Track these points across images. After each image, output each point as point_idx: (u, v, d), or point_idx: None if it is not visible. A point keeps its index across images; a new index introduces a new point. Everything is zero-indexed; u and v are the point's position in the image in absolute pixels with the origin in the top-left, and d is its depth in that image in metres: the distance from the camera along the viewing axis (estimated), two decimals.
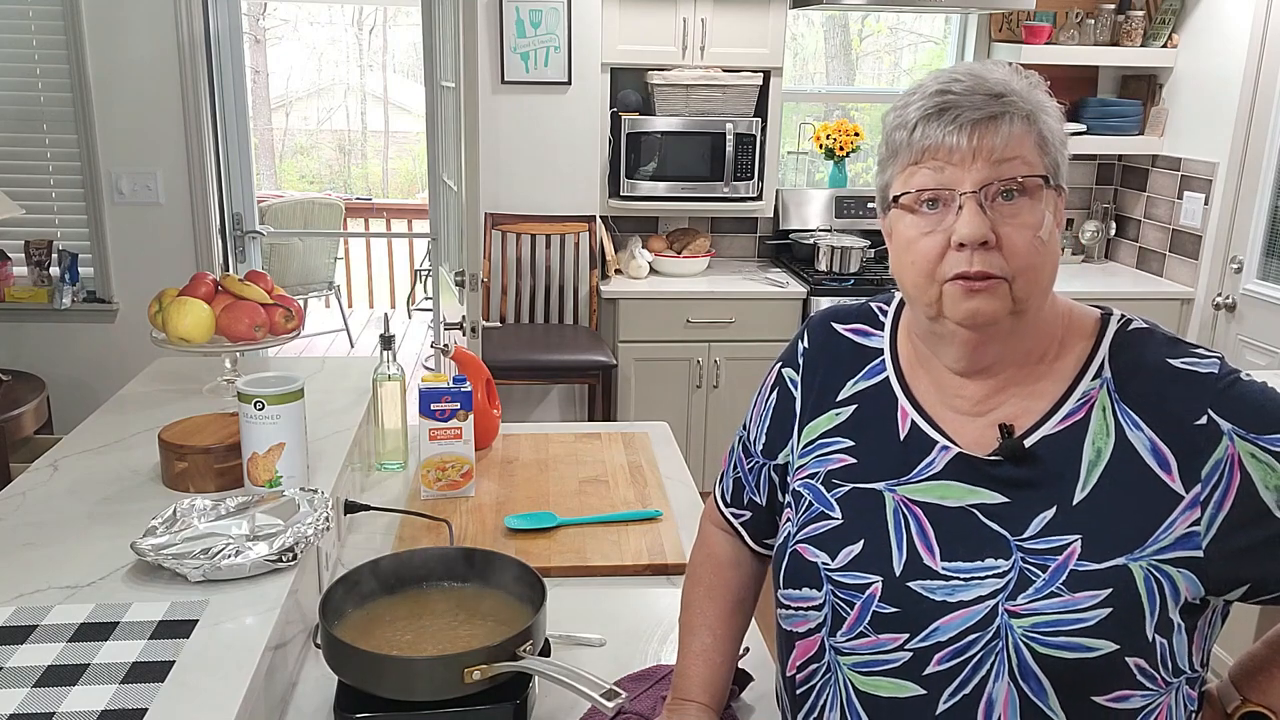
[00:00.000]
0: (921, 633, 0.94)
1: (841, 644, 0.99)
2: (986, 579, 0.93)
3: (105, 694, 0.99)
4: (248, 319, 1.82)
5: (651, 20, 3.79)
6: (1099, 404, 0.95)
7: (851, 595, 0.98)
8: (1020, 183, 0.90)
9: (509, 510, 1.72)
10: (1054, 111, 0.95)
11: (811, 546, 1.02)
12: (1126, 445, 0.93)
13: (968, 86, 0.92)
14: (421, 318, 6.64)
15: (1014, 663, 0.90)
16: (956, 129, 0.90)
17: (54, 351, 3.74)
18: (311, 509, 1.33)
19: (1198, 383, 0.92)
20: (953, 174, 0.91)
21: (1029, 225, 0.91)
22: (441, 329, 3.42)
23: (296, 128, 12.38)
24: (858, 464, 1.03)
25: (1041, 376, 0.97)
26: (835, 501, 1.03)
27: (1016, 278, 0.91)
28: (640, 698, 1.20)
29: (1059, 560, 0.91)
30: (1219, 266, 3.75)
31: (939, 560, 0.95)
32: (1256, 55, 3.54)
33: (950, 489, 0.97)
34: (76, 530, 1.33)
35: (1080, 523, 0.92)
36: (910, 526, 0.98)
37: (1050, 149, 0.93)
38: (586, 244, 3.99)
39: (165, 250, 3.71)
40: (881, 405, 1.04)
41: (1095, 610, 0.89)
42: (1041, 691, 0.90)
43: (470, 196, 2.83)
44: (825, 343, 1.11)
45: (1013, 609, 0.91)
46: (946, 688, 0.93)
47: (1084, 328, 0.99)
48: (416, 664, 1.12)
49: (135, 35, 3.53)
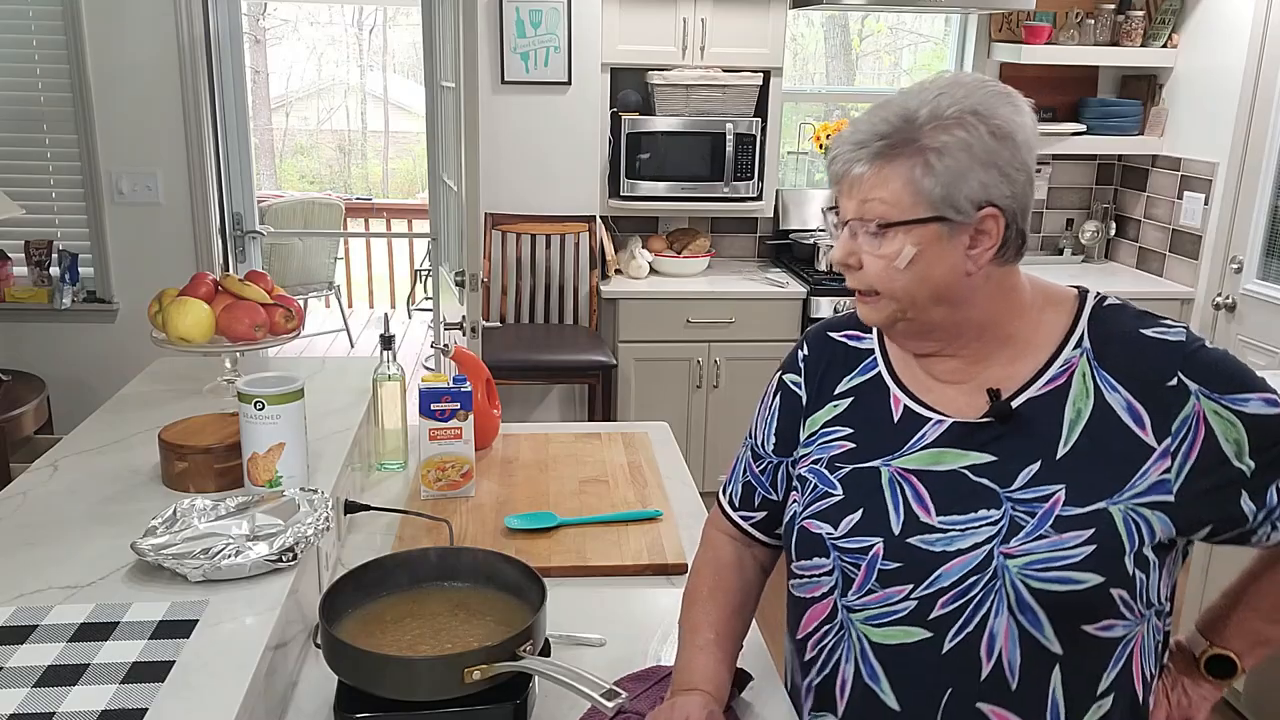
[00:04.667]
0: (924, 581, 1.06)
1: (853, 602, 1.11)
2: (980, 527, 1.05)
3: (105, 694, 0.99)
4: (248, 319, 1.82)
5: (651, 20, 3.79)
6: (1079, 370, 1.07)
7: (856, 558, 1.10)
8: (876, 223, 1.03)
9: (509, 510, 1.72)
10: (971, 140, 1.00)
11: (816, 520, 1.14)
12: (1104, 405, 1.05)
13: (868, 124, 1.04)
14: (421, 318, 6.64)
15: (1012, 599, 1.02)
16: (839, 165, 1.06)
17: (54, 351, 3.74)
18: (311, 509, 1.33)
19: (1168, 349, 1.05)
20: (843, 204, 1.07)
21: (885, 256, 1.04)
22: (441, 329, 3.42)
23: (296, 128, 12.38)
24: (857, 448, 1.15)
25: (1019, 347, 1.10)
26: (837, 481, 1.14)
27: (881, 296, 1.07)
28: (640, 698, 1.20)
29: (1045, 507, 1.03)
30: (1219, 266, 3.75)
31: (935, 516, 1.07)
32: (1256, 55, 3.54)
33: (942, 455, 1.10)
34: (76, 530, 1.33)
35: (1063, 474, 1.04)
36: (905, 491, 1.10)
37: (935, 184, 1.00)
38: (586, 244, 3.99)
39: (165, 250, 3.71)
40: (876, 396, 1.17)
41: (1081, 548, 1.01)
42: (1038, 623, 1.02)
43: (470, 196, 2.83)
44: (823, 348, 1.24)
45: (1007, 551, 1.03)
46: (951, 628, 1.05)
47: (1062, 303, 1.12)
48: (416, 664, 1.12)
49: (135, 35, 3.53)
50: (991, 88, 1.04)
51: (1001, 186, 1.02)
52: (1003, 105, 1.03)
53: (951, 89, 1.03)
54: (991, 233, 1.03)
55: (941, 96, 1.02)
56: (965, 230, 1.03)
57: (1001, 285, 1.08)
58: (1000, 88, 1.05)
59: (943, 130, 1.01)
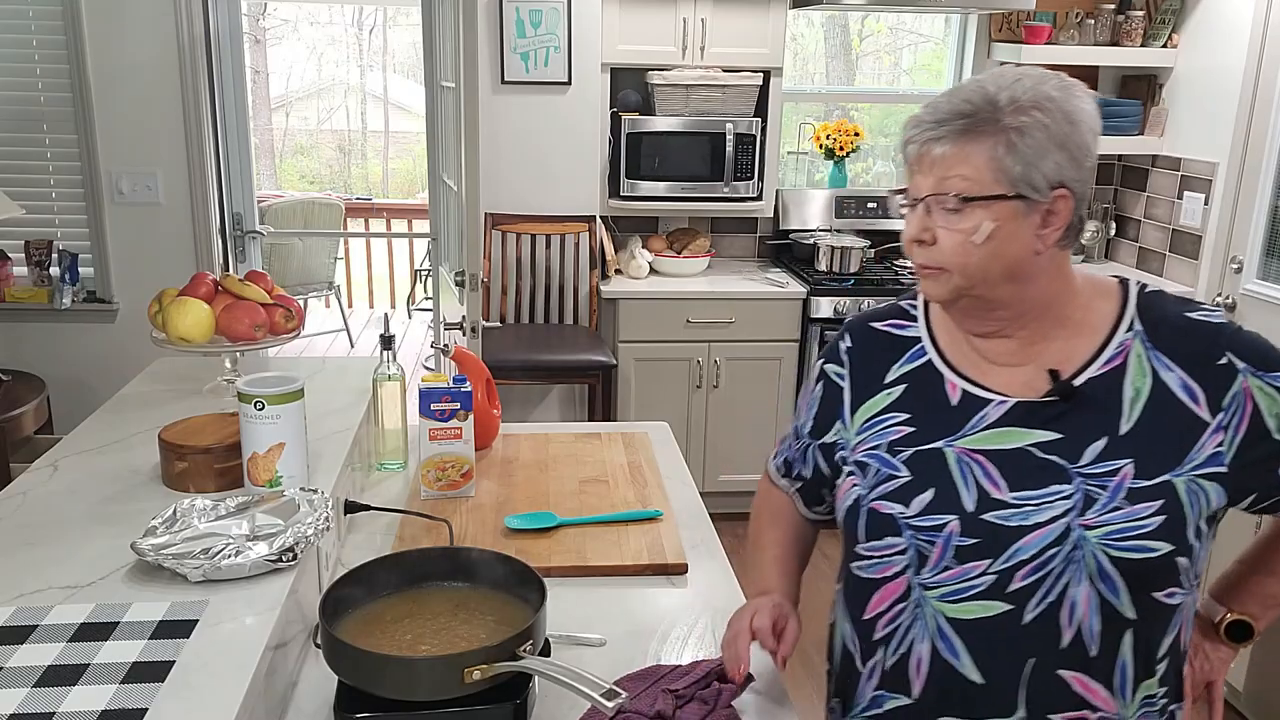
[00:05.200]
0: (1002, 555, 1.10)
1: (928, 579, 1.14)
2: (1055, 502, 1.09)
3: (105, 694, 0.99)
4: (248, 319, 1.82)
5: (651, 20, 3.79)
6: (1134, 351, 1.13)
7: (931, 535, 1.13)
8: (958, 196, 1.07)
9: (509, 510, 1.72)
10: (1049, 123, 1.06)
11: (886, 501, 1.17)
12: (1161, 383, 1.11)
13: (948, 104, 1.08)
14: (421, 318, 6.64)
15: (1093, 568, 1.07)
16: (917, 144, 1.10)
17: (54, 351, 3.74)
18: (311, 509, 1.33)
19: (1214, 331, 1.12)
20: (916, 181, 1.12)
21: (962, 231, 1.08)
22: (441, 329, 3.42)
23: (296, 128, 12.37)
24: (916, 431, 1.18)
25: (1073, 329, 1.15)
26: (901, 463, 1.17)
27: (952, 271, 1.10)
28: (640, 698, 1.19)
29: (1116, 480, 1.08)
30: (1219, 266, 3.74)
31: (1007, 492, 1.11)
32: (1256, 55, 3.54)
33: (1007, 434, 1.14)
34: (76, 530, 1.33)
35: (1130, 448, 1.09)
36: (974, 470, 1.14)
37: (1017, 162, 1.06)
38: (586, 244, 3.99)
39: (165, 250, 3.71)
40: (929, 382, 1.21)
41: (1153, 518, 1.06)
42: (1115, 590, 1.08)
43: (470, 196, 2.83)
44: (866, 339, 1.28)
45: (1085, 523, 1.08)
46: (1031, 599, 1.09)
47: (1108, 291, 1.18)
48: (416, 664, 1.12)
49: (135, 35, 3.53)
50: (1060, 78, 1.10)
51: (1072, 169, 1.08)
52: (1072, 93, 1.09)
53: (1025, 78, 1.08)
54: (1061, 213, 1.09)
55: (1018, 84, 1.07)
56: (1039, 209, 1.08)
57: (1060, 268, 1.14)
58: (1067, 79, 1.10)
59: (1022, 112, 1.06)
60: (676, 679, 1.24)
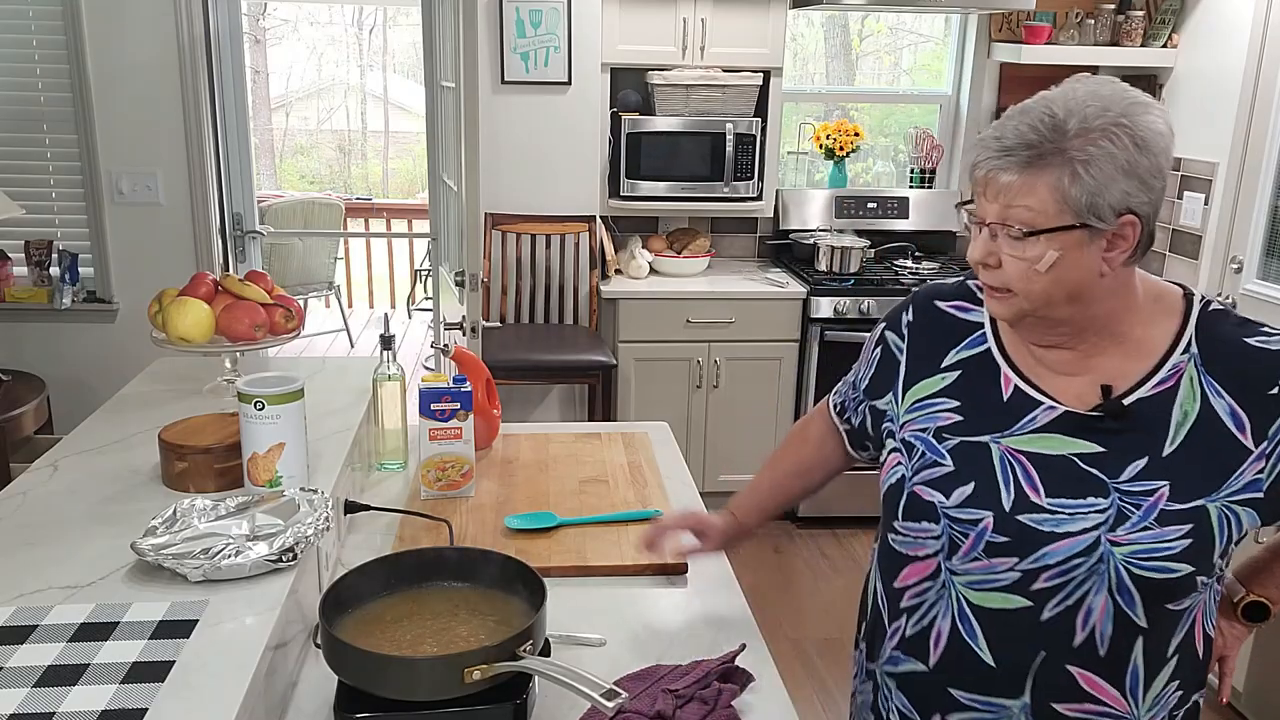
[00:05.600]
0: (1030, 556, 1.13)
1: (957, 566, 1.18)
2: (1089, 514, 1.12)
3: (105, 694, 0.99)
4: (248, 319, 1.82)
5: (651, 20, 3.79)
6: (1187, 374, 1.13)
7: (966, 528, 1.17)
8: (1024, 226, 1.07)
9: (509, 510, 1.72)
10: (1116, 151, 1.04)
11: (928, 488, 1.20)
12: (1210, 410, 1.11)
13: (1015, 130, 1.07)
14: (421, 318, 6.64)
15: (1113, 581, 1.11)
16: (984, 169, 1.09)
17: (54, 351, 3.74)
18: (311, 509, 1.33)
19: (1271, 358, 1.11)
20: (984, 205, 1.11)
21: (1026, 259, 1.09)
22: (441, 329, 3.42)
23: (296, 128, 12.37)
24: (964, 420, 1.21)
25: (1131, 345, 1.15)
26: (946, 452, 1.20)
27: (1017, 294, 1.11)
28: (640, 698, 1.19)
29: (1150, 500, 1.10)
30: (1219, 266, 3.74)
31: (1044, 498, 1.14)
32: (1256, 55, 3.54)
33: (1051, 440, 1.16)
34: (76, 530, 1.33)
35: (1168, 471, 1.11)
36: (1016, 471, 1.16)
37: (1082, 192, 1.04)
38: (586, 244, 3.99)
39: (165, 250, 3.71)
40: (984, 371, 1.22)
41: (1180, 541, 1.09)
42: (1132, 603, 1.11)
43: (470, 196, 2.83)
44: (929, 316, 1.30)
45: (1114, 539, 1.10)
46: (1051, 600, 1.13)
47: (1171, 306, 1.17)
48: (417, 664, 1.12)
49: (135, 35, 3.53)
50: (1133, 96, 1.09)
51: (1141, 195, 1.06)
52: (1144, 114, 1.07)
53: (1094, 99, 1.07)
54: (1129, 237, 1.08)
55: (1088, 107, 1.06)
56: (1104, 235, 1.07)
57: (1125, 283, 1.14)
58: (1141, 96, 1.09)
59: (1090, 142, 1.04)
60: (676, 679, 1.24)
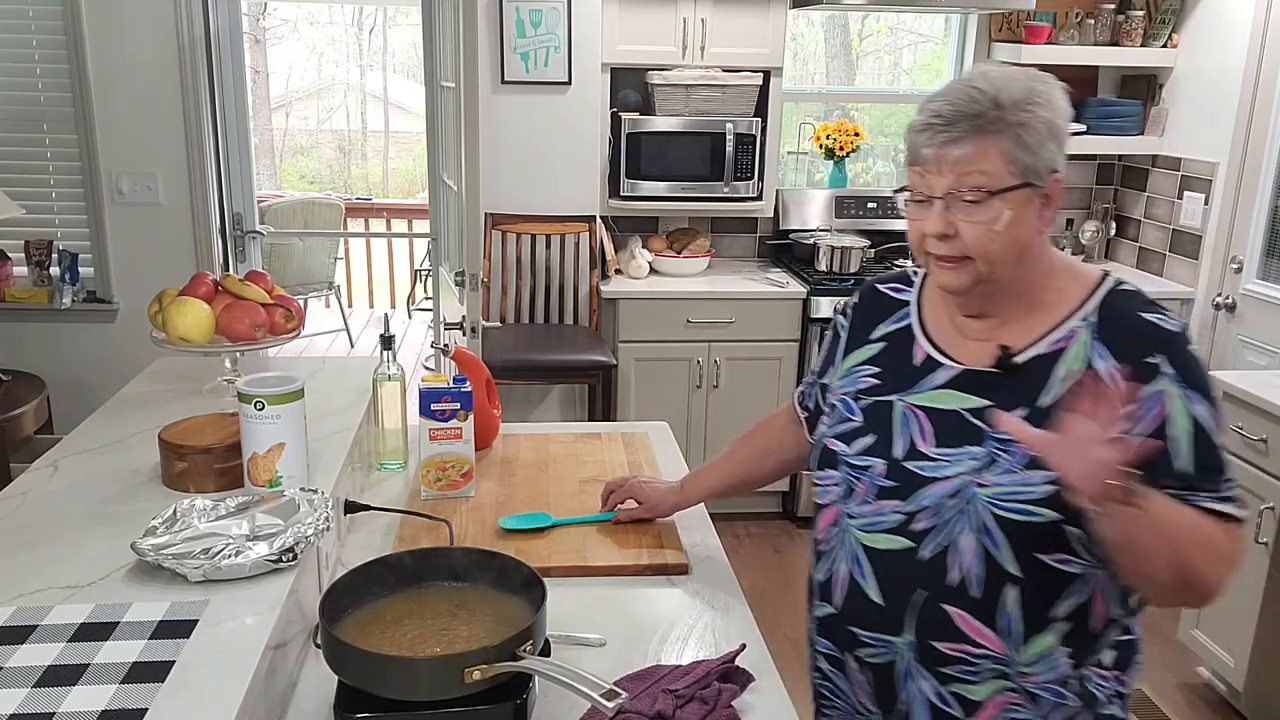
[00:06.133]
0: (910, 499, 1.25)
1: (853, 510, 1.30)
2: (963, 460, 1.22)
3: (105, 694, 0.99)
4: (248, 319, 1.82)
5: (651, 20, 3.79)
6: (1079, 338, 1.23)
7: (860, 474, 1.30)
8: (982, 190, 1.17)
9: (509, 510, 1.72)
10: (1044, 116, 1.18)
11: (836, 440, 1.34)
12: (1092, 370, 1.20)
13: (954, 106, 1.18)
14: (421, 318, 6.64)
15: (977, 522, 1.20)
16: (932, 146, 1.19)
17: (54, 351, 3.74)
18: (311, 509, 1.33)
19: (1161, 334, 1.20)
20: (930, 180, 1.21)
21: (983, 222, 1.19)
22: (441, 329, 3.42)
23: (296, 128, 12.37)
24: (881, 384, 1.34)
25: (1040, 314, 1.26)
26: (859, 410, 1.34)
27: (976, 259, 1.21)
28: (640, 698, 1.19)
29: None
30: (1219, 266, 3.74)
31: (931, 446, 1.25)
32: (1256, 55, 3.54)
33: (949, 396, 1.27)
34: (76, 530, 1.33)
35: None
36: (911, 424, 1.28)
37: (1026, 154, 1.18)
38: (586, 244, 3.99)
39: (165, 250, 3.71)
40: (904, 343, 1.35)
41: (1041, 486, 1.17)
42: (996, 545, 1.19)
43: (470, 196, 2.83)
44: (870, 298, 1.44)
45: (980, 482, 1.20)
46: (927, 540, 1.23)
47: (1087, 282, 1.27)
48: (417, 664, 1.12)
49: (135, 35, 3.52)
50: (1036, 74, 1.22)
51: (1060, 155, 1.21)
52: (1049, 86, 1.21)
53: (1011, 77, 1.20)
54: (1055, 195, 1.22)
55: (1010, 83, 1.19)
56: (1040, 194, 1.21)
57: (1044, 251, 1.27)
58: (1041, 74, 1.22)
59: (1022, 109, 1.18)
60: (676, 679, 1.24)
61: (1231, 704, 2.85)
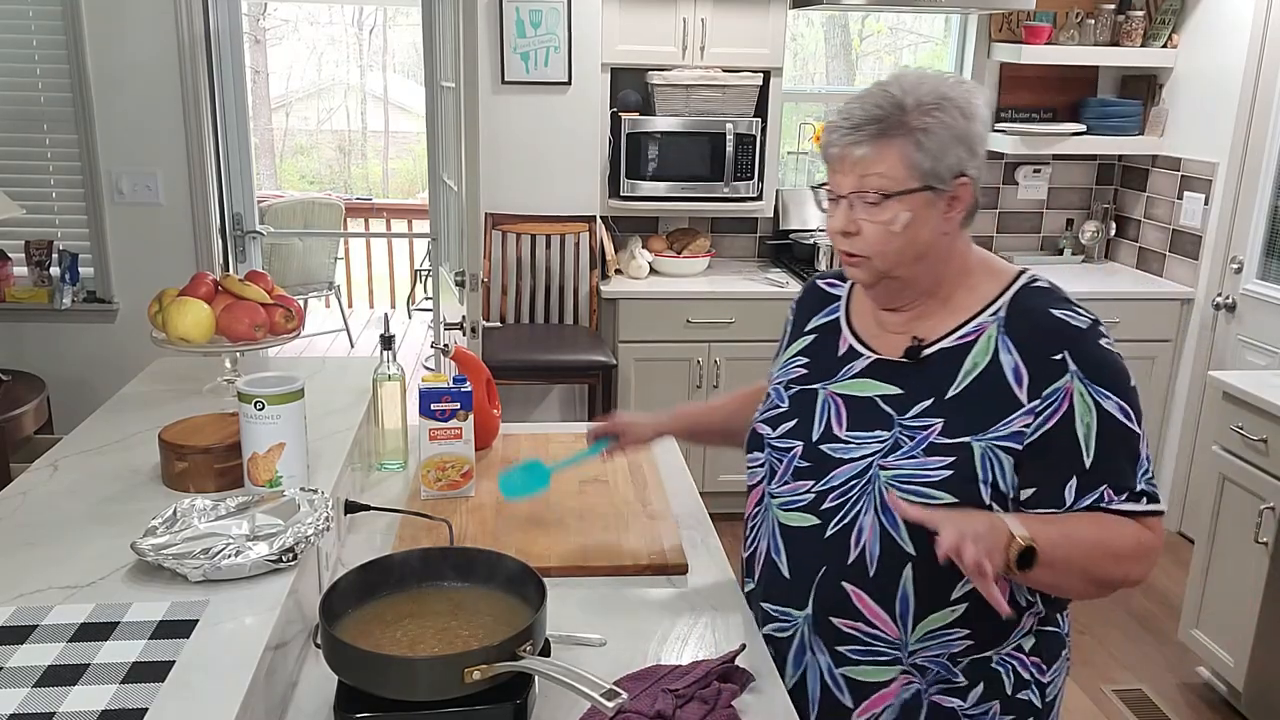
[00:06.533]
0: (821, 479, 1.32)
1: (774, 489, 1.38)
2: (871, 444, 1.29)
3: (105, 694, 0.99)
4: (248, 319, 1.82)
5: (651, 20, 3.79)
6: (987, 333, 1.28)
7: (781, 455, 1.38)
8: (878, 193, 1.22)
9: (509, 511, 1.71)
10: (948, 121, 1.21)
11: (763, 424, 1.42)
12: (996, 363, 1.25)
13: (861, 110, 1.23)
14: (421, 318, 6.64)
15: (878, 502, 1.26)
16: (838, 147, 1.26)
17: (54, 351, 3.74)
18: (312, 509, 1.33)
19: (1066, 330, 1.24)
20: (837, 179, 1.28)
21: (882, 222, 1.24)
22: (441, 329, 3.42)
23: (296, 128, 12.38)
24: (808, 374, 1.41)
25: (953, 308, 1.31)
26: (788, 398, 1.41)
27: (874, 258, 1.27)
28: (640, 698, 1.19)
29: (923, 434, 1.25)
30: (1219, 266, 3.74)
31: (844, 431, 1.32)
32: (1257, 55, 3.54)
33: (865, 384, 1.34)
34: (76, 530, 1.33)
35: (947, 411, 1.25)
36: (830, 410, 1.35)
37: (926, 158, 1.21)
38: (586, 244, 3.99)
39: (165, 250, 3.71)
40: (831, 334, 1.42)
41: (939, 471, 1.23)
42: (896, 525, 1.25)
43: (470, 196, 2.83)
44: (810, 293, 1.52)
45: (884, 464, 1.27)
46: (833, 519, 1.30)
47: (1001, 278, 1.32)
48: (417, 664, 1.12)
49: (135, 35, 3.52)
50: (953, 77, 1.27)
51: (970, 159, 1.24)
52: (963, 91, 1.24)
53: (926, 80, 1.24)
54: (963, 198, 1.25)
55: (920, 86, 1.23)
56: (944, 197, 1.24)
57: (961, 249, 1.31)
58: (958, 77, 1.27)
59: (926, 114, 1.21)
60: (676, 679, 1.24)
61: (1231, 704, 2.85)
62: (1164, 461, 4.00)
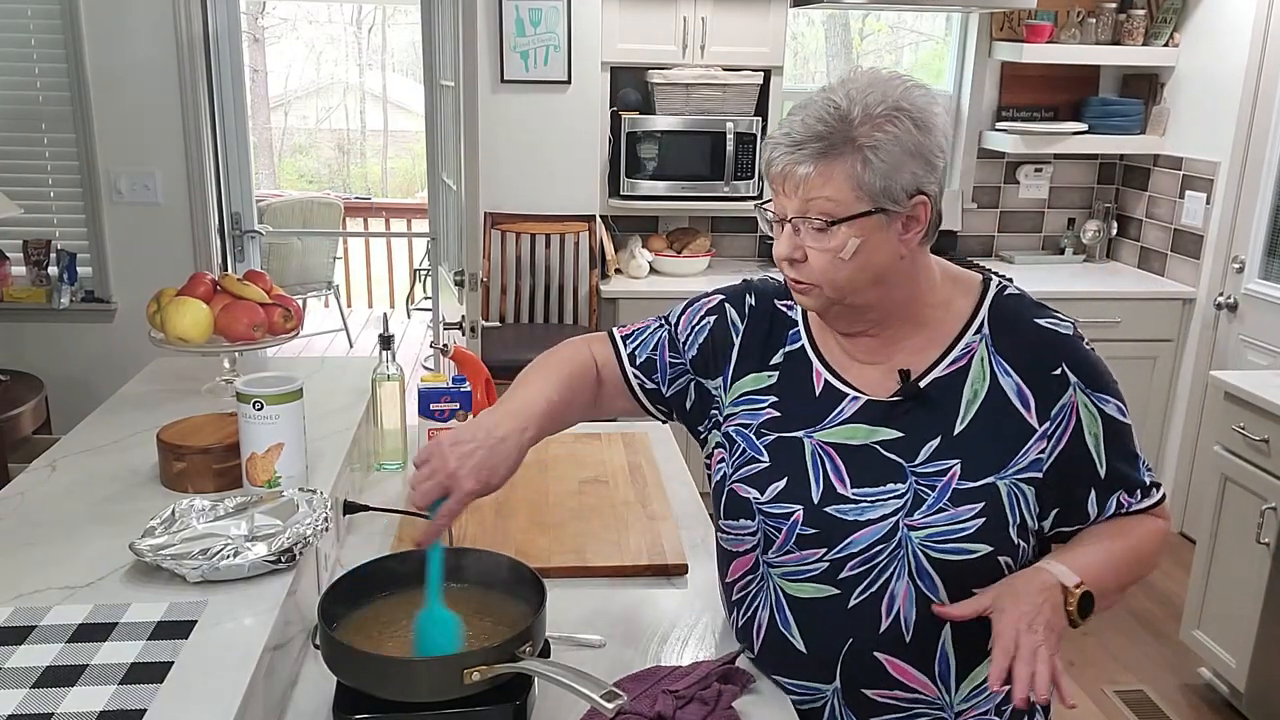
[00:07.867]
0: (836, 546, 1.17)
1: (773, 559, 1.23)
2: (888, 500, 1.16)
3: (104, 694, 0.99)
4: (246, 319, 1.81)
5: (651, 19, 3.79)
6: (978, 354, 1.18)
7: (778, 522, 1.21)
8: (824, 217, 1.10)
9: (509, 510, 1.71)
10: (900, 134, 1.08)
11: (745, 485, 1.24)
12: (998, 388, 1.17)
13: (803, 124, 1.09)
14: (421, 318, 6.63)
15: (913, 566, 1.15)
16: (780, 165, 1.11)
17: (52, 351, 3.73)
18: (310, 509, 1.33)
19: (1057, 341, 1.17)
20: (781, 201, 1.14)
21: (830, 249, 1.12)
22: (441, 329, 3.41)
23: (295, 127, 12.38)
24: (782, 416, 1.24)
25: (930, 330, 1.20)
26: (764, 448, 1.24)
27: (823, 286, 1.14)
28: (640, 699, 1.19)
29: (944, 481, 1.15)
30: (1220, 266, 3.74)
31: (849, 488, 1.18)
32: (1258, 54, 3.54)
33: (857, 430, 1.20)
34: (75, 530, 1.33)
35: (959, 449, 1.15)
36: (825, 464, 1.20)
37: (876, 178, 1.08)
38: (586, 243, 3.98)
39: (164, 250, 3.70)
40: (800, 368, 1.26)
41: (973, 520, 1.13)
42: (934, 587, 1.14)
43: (470, 196, 2.83)
44: (767, 312, 1.31)
45: (910, 523, 1.15)
46: (857, 587, 1.17)
47: (968, 289, 1.23)
48: (416, 665, 1.11)
49: (134, 35, 3.52)
50: (909, 81, 1.12)
51: (928, 175, 1.11)
52: (920, 97, 1.11)
53: (875, 86, 1.10)
54: (921, 217, 1.13)
55: (869, 94, 1.09)
56: (899, 218, 1.12)
57: (923, 266, 1.19)
58: (914, 80, 1.13)
59: (876, 127, 1.08)
60: (676, 680, 1.23)
61: (1233, 705, 2.84)
62: (1165, 462, 3.99)
